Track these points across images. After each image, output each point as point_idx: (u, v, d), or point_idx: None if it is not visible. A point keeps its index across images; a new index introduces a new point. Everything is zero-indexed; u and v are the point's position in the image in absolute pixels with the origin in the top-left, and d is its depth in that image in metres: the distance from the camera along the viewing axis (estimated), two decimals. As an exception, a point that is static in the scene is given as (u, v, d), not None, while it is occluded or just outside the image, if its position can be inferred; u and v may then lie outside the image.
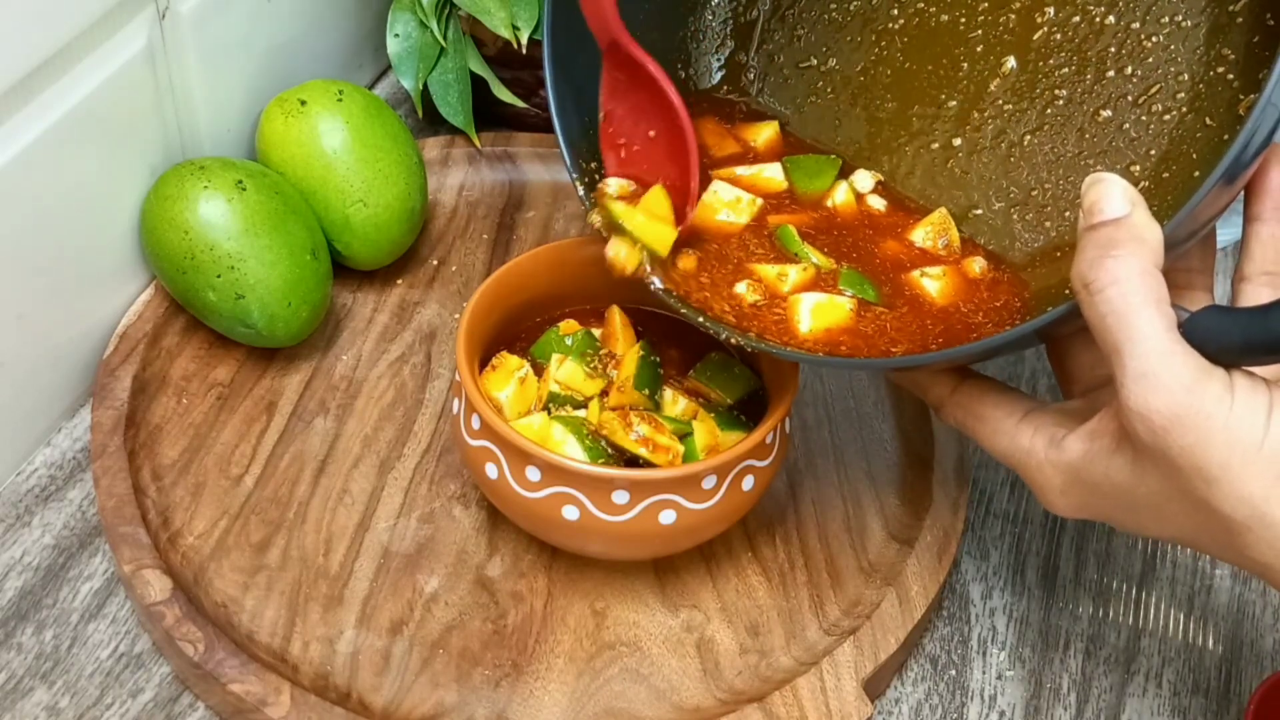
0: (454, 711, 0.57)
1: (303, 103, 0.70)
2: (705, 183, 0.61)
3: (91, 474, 0.64)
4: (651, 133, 0.59)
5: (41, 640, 0.59)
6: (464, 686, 0.58)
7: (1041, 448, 0.50)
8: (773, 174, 0.62)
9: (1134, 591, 0.66)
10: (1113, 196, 0.46)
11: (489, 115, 0.83)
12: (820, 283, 0.57)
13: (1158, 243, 0.45)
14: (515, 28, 0.76)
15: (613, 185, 0.59)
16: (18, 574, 0.61)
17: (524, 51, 0.77)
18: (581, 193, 0.60)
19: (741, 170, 0.62)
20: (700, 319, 0.56)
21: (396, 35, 0.79)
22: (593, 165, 0.61)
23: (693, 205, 0.58)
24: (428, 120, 0.82)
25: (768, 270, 0.58)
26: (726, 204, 0.60)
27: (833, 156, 0.62)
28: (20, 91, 0.58)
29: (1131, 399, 0.44)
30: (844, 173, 0.62)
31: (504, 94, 0.80)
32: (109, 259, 0.67)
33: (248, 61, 0.73)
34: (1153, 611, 0.65)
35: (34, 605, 0.60)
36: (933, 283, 0.57)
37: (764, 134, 0.64)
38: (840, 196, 0.61)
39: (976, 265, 0.57)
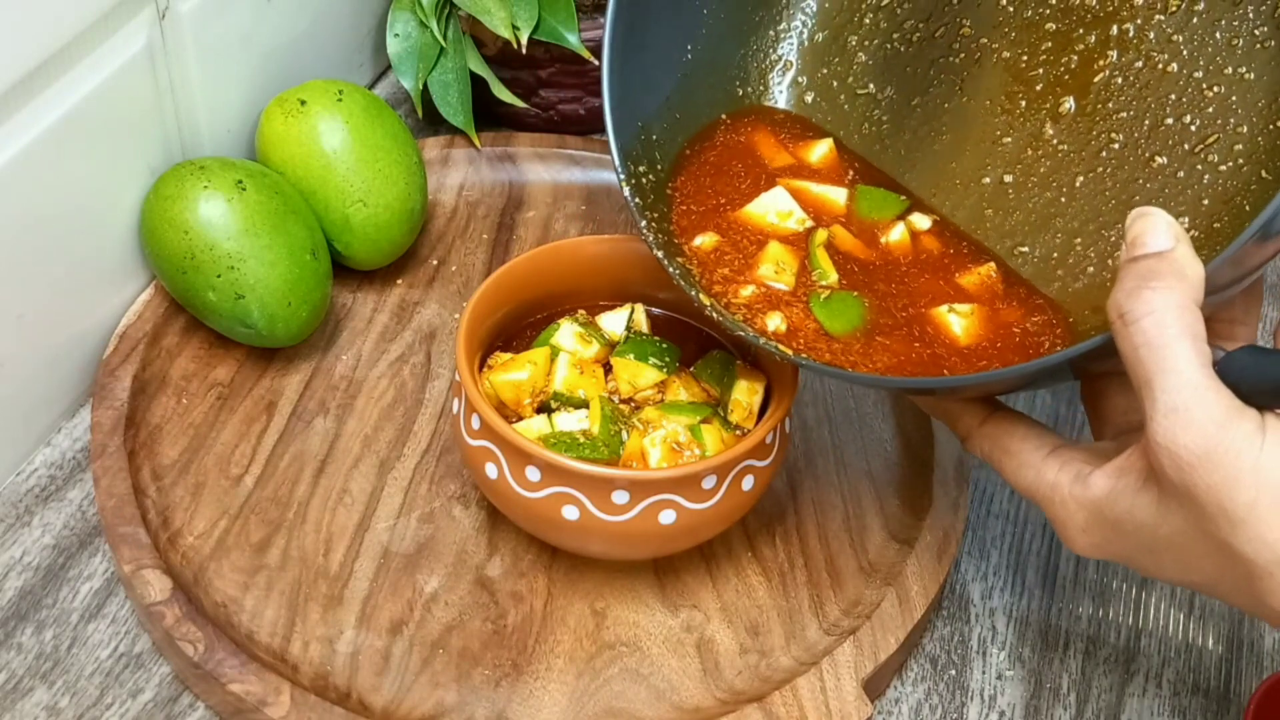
0: (454, 711, 0.57)
1: (303, 103, 0.70)
2: (770, 185, 0.62)
3: (91, 474, 0.64)
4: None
5: (41, 640, 0.59)
6: (464, 686, 0.58)
7: (1067, 483, 0.49)
8: (837, 197, 0.62)
9: (1134, 591, 0.66)
10: (1158, 230, 0.45)
11: (489, 115, 0.83)
12: (788, 302, 0.58)
13: (1198, 279, 0.44)
14: (515, 28, 0.76)
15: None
16: (18, 574, 0.61)
17: (524, 51, 0.77)
18: (628, 193, 0.59)
19: (811, 185, 0.62)
20: (741, 332, 0.56)
21: (396, 35, 0.79)
22: (641, 169, 0.61)
23: None
24: (428, 120, 0.82)
25: (763, 273, 0.58)
26: (778, 212, 0.61)
27: (902, 198, 0.62)
28: (20, 91, 0.58)
29: (1160, 433, 0.43)
30: (905, 213, 0.62)
31: (504, 94, 0.80)
32: (109, 259, 0.67)
33: (248, 61, 0.73)
34: (1153, 611, 0.65)
35: (34, 605, 0.60)
36: (959, 320, 0.57)
37: (818, 150, 0.64)
38: (895, 235, 0.61)
39: (1014, 309, 0.57)
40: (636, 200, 0.59)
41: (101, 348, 0.68)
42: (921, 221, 0.61)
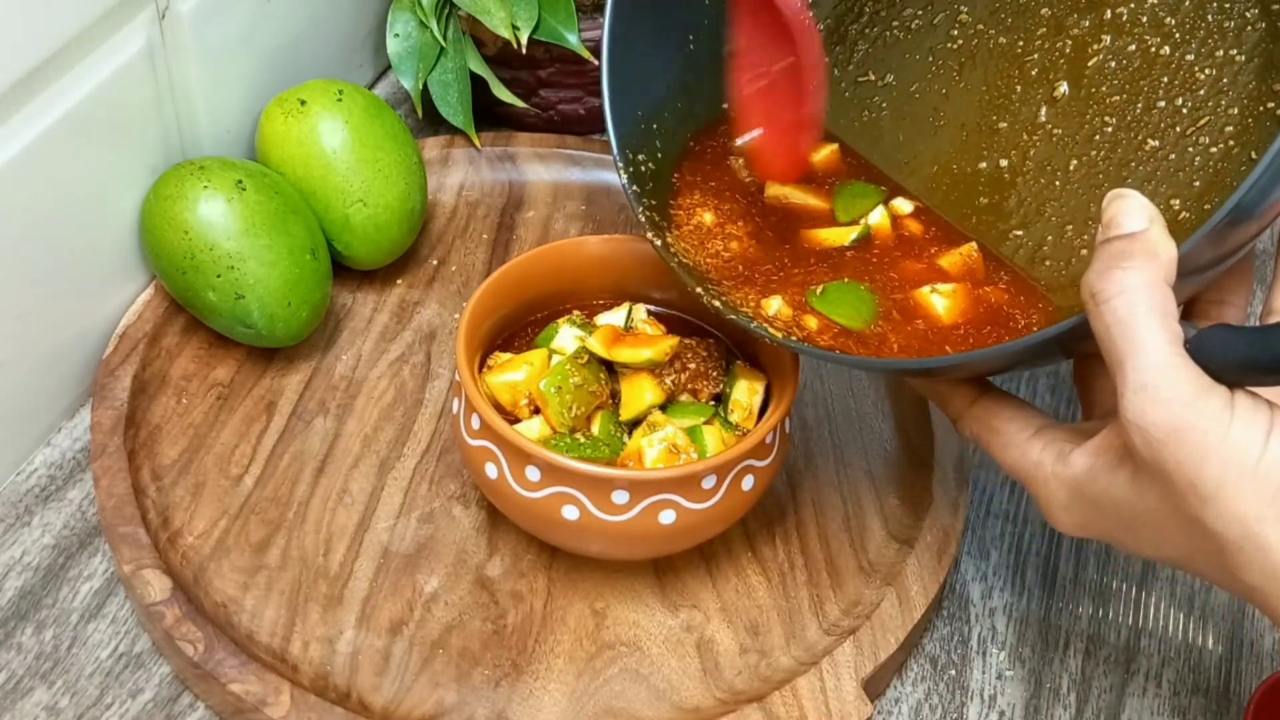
0: (454, 711, 0.57)
1: (303, 103, 0.70)
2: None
3: (91, 474, 0.64)
4: (777, 66, 0.58)
5: (41, 640, 0.59)
6: (464, 686, 0.58)
7: (1049, 462, 0.49)
8: (819, 201, 0.62)
9: (1134, 591, 0.66)
10: (1132, 211, 0.45)
11: (489, 115, 0.83)
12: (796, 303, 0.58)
13: (1170, 260, 0.45)
14: (515, 28, 0.76)
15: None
16: (18, 574, 0.61)
17: (524, 51, 0.77)
18: (625, 180, 0.60)
19: (793, 193, 0.63)
20: (732, 315, 0.56)
21: (396, 35, 0.79)
22: (640, 156, 0.61)
23: (814, 132, 0.59)
24: (428, 120, 0.82)
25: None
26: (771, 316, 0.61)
27: (881, 187, 0.62)
28: (20, 91, 0.58)
29: (1130, 410, 0.43)
30: (886, 199, 0.62)
31: (504, 94, 0.80)
32: (109, 259, 0.67)
33: (248, 61, 0.73)
34: (1153, 611, 0.65)
35: (34, 605, 0.60)
36: (942, 300, 0.57)
37: (821, 153, 0.64)
38: (875, 218, 0.61)
39: (998, 290, 0.57)
40: (634, 188, 0.60)
41: (101, 348, 0.68)
42: (904, 206, 0.61)
